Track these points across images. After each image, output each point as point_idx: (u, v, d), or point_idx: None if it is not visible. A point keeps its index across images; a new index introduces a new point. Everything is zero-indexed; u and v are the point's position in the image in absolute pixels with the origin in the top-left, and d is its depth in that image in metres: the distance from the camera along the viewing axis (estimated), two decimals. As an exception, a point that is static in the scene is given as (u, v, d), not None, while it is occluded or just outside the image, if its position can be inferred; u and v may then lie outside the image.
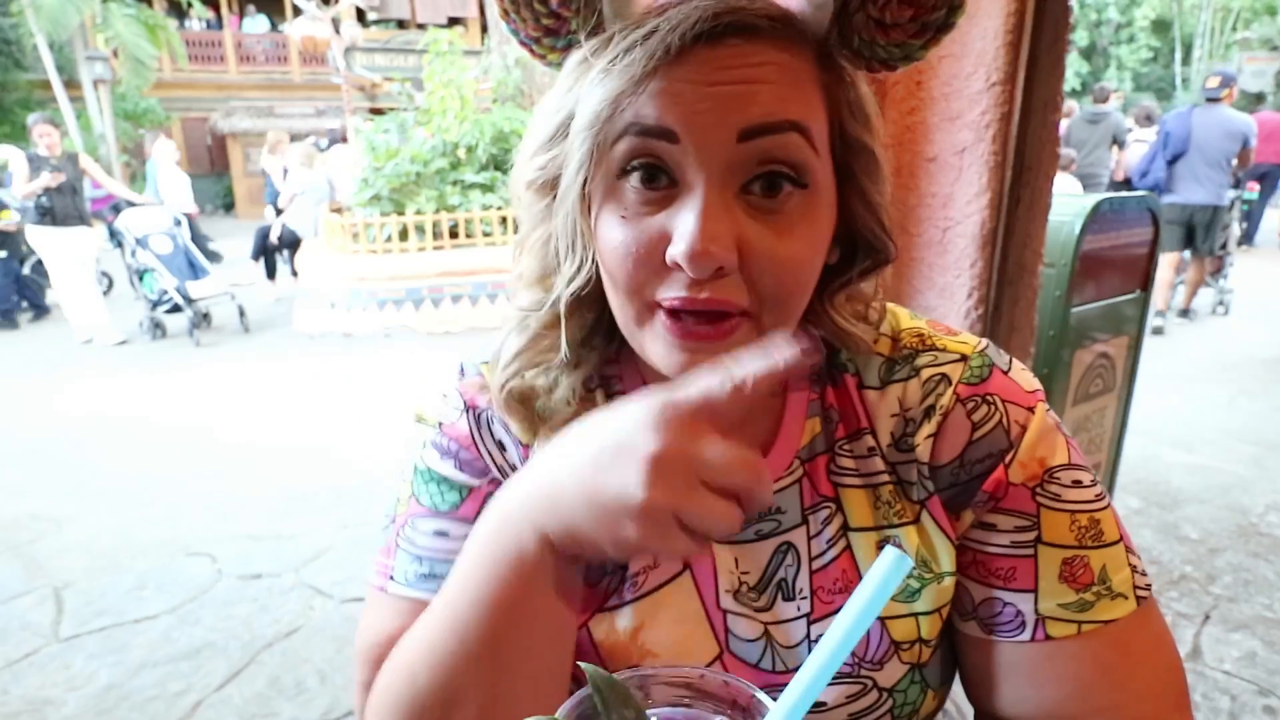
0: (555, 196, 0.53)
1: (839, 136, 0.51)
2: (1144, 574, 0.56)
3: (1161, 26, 22.64)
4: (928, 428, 0.56)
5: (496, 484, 0.63)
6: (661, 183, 0.49)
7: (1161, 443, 3.59)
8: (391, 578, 0.62)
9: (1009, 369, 0.58)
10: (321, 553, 2.86)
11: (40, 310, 7.57)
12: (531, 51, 0.57)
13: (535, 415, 0.59)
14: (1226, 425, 3.82)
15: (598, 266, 0.53)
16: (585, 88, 0.50)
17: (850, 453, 0.59)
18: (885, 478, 0.58)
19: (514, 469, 0.62)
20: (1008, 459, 0.55)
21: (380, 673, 0.55)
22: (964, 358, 0.58)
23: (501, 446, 0.62)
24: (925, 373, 0.58)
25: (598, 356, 0.60)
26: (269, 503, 3.32)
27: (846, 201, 0.53)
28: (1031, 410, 0.56)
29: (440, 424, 0.64)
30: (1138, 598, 0.54)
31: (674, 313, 0.49)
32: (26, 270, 7.47)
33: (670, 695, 0.43)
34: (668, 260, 0.48)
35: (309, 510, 3.23)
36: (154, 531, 3.08)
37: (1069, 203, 2.28)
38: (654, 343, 0.51)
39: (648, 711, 0.40)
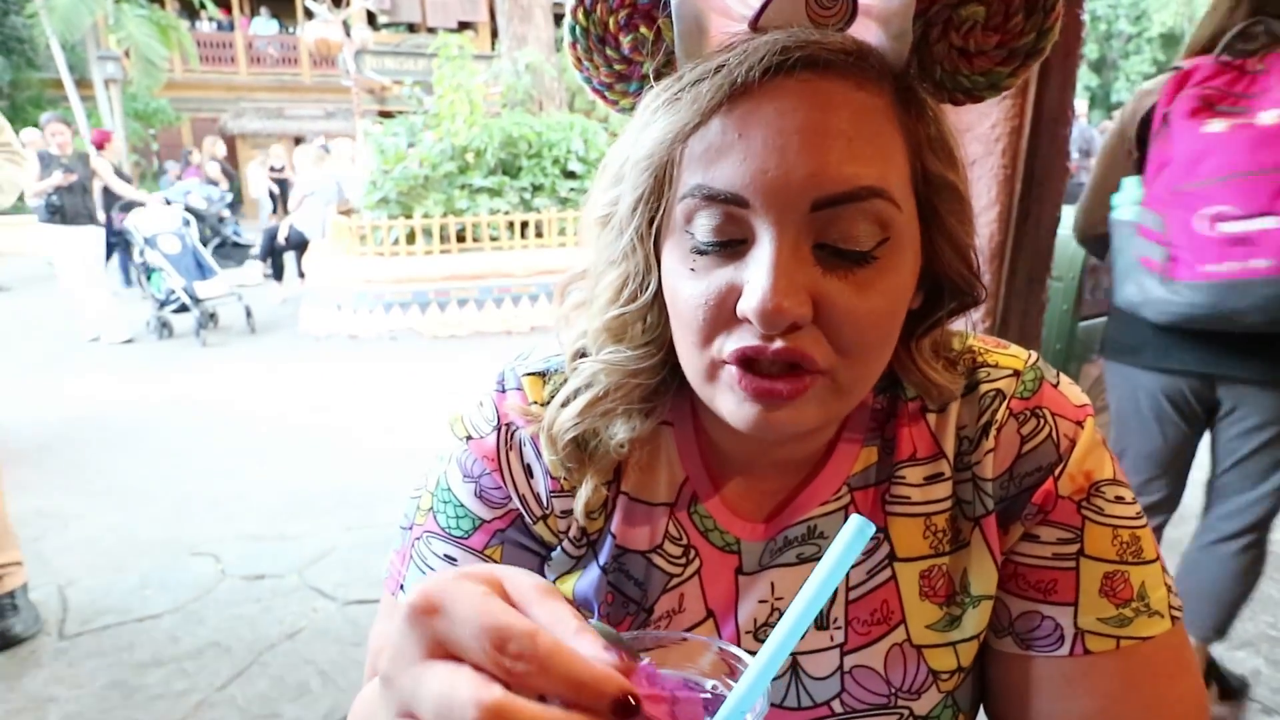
0: (626, 235, 0.52)
1: (920, 176, 0.49)
2: (1177, 594, 0.56)
3: (1171, 40, 22.63)
4: (987, 443, 0.56)
5: (512, 517, 0.61)
6: (730, 237, 0.47)
7: (1167, 457, 3.57)
8: (402, 587, 0.62)
9: (1057, 383, 0.58)
10: (325, 554, 2.87)
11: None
12: (604, 98, 0.57)
13: (586, 457, 0.58)
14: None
15: (661, 315, 0.53)
16: (649, 119, 0.49)
17: (906, 480, 0.58)
18: (943, 505, 0.58)
19: (537, 498, 0.60)
20: (1057, 472, 0.55)
21: (359, 697, 0.59)
22: (1016, 373, 0.57)
23: (529, 472, 0.61)
24: (981, 389, 0.57)
25: (664, 408, 0.59)
26: (273, 504, 3.33)
27: (931, 243, 0.51)
28: (1081, 424, 0.56)
29: (469, 438, 0.62)
30: (1172, 617, 0.54)
31: (745, 361, 0.48)
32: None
33: (669, 660, 0.44)
34: (738, 314, 0.46)
35: (313, 512, 3.23)
36: (158, 531, 3.09)
37: (1077, 216, 2.28)
38: (724, 397, 0.50)
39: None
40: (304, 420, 4.45)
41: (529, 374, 0.62)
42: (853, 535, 0.37)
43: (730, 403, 0.49)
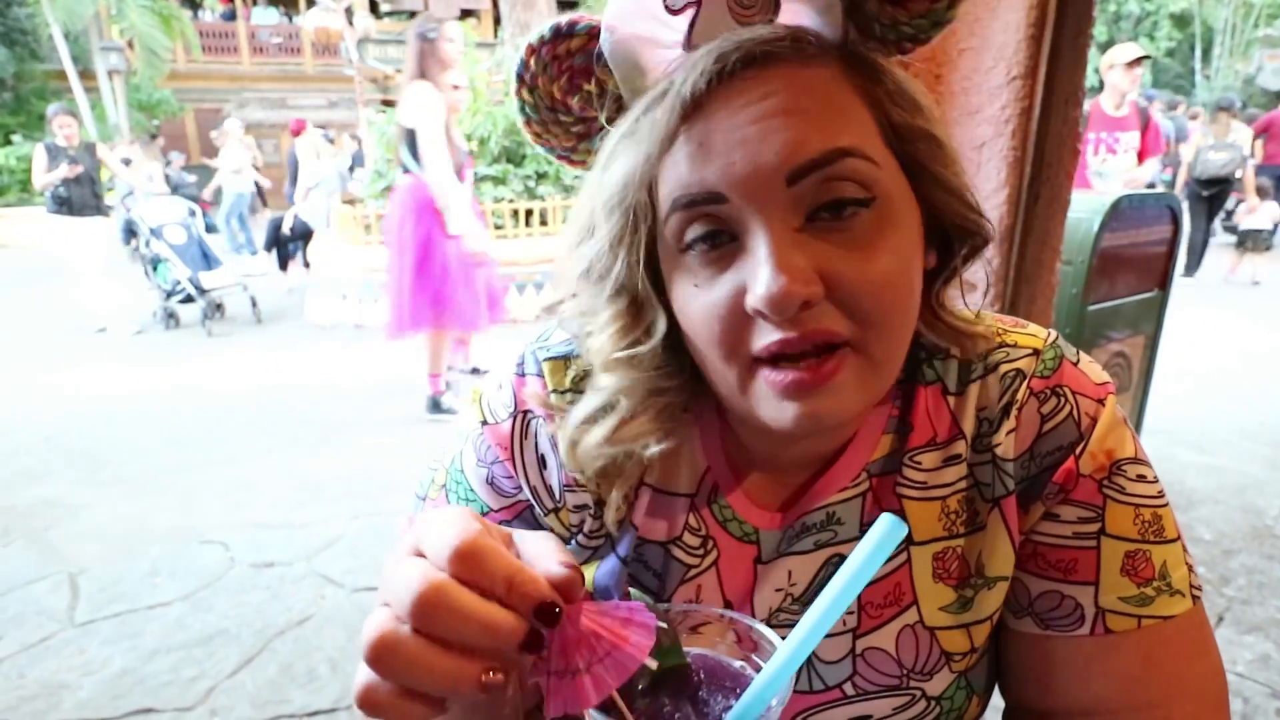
0: (611, 278, 0.52)
1: (891, 132, 0.48)
2: (1197, 574, 0.55)
3: (1182, 22, 22.37)
4: (1008, 424, 0.55)
5: (520, 509, 0.61)
6: (724, 240, 0.47)
7: (1176, 443, 3.55)
8: None
9: (1078, 361, 0.57)
10: (333, 542, 2.88)
11: None
12: (570, 161, 0.58)
13: (614, 469, 0.57)
14: (1242, 426, 3.78)
15: (680, 338, 0.52)
16: (608, 160, 0.49)
17: (919, 465, 0.57)
18: (957, 487, 0.57)
19: (549, 491, 0.60)
20: (1078, 450, 0.54)
21: None
22: (1036, 352, 0.57)
23: (543, 462, 0.60)
24: (1001, 369, 0.57)
25: (691, 419, 0.58)
26: (281, 492, 3.35)
27: (925, 194, 0.50)
28: (1102, 402, 0.55)
29: (485, 422, 0.62)
30: (1193, 597, 0.54)
31: (775, 362, 0.47)
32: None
33: (701, 636, 0.44)
34: (750, 311, 0.46)
35: (321, 500, 3.25)
36: (167, 519, 3.11)
37: (1088, 200, 2.27)
38: (763, 404, 0.49)
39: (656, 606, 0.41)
40: (311, 409, 4.47)
41: (550, 359, 0.61)
42: (884, 533, 0.37)
43: (769, 408, 0.48)
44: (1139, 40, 22.67)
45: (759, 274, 0.44)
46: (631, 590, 0.40)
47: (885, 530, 0.37)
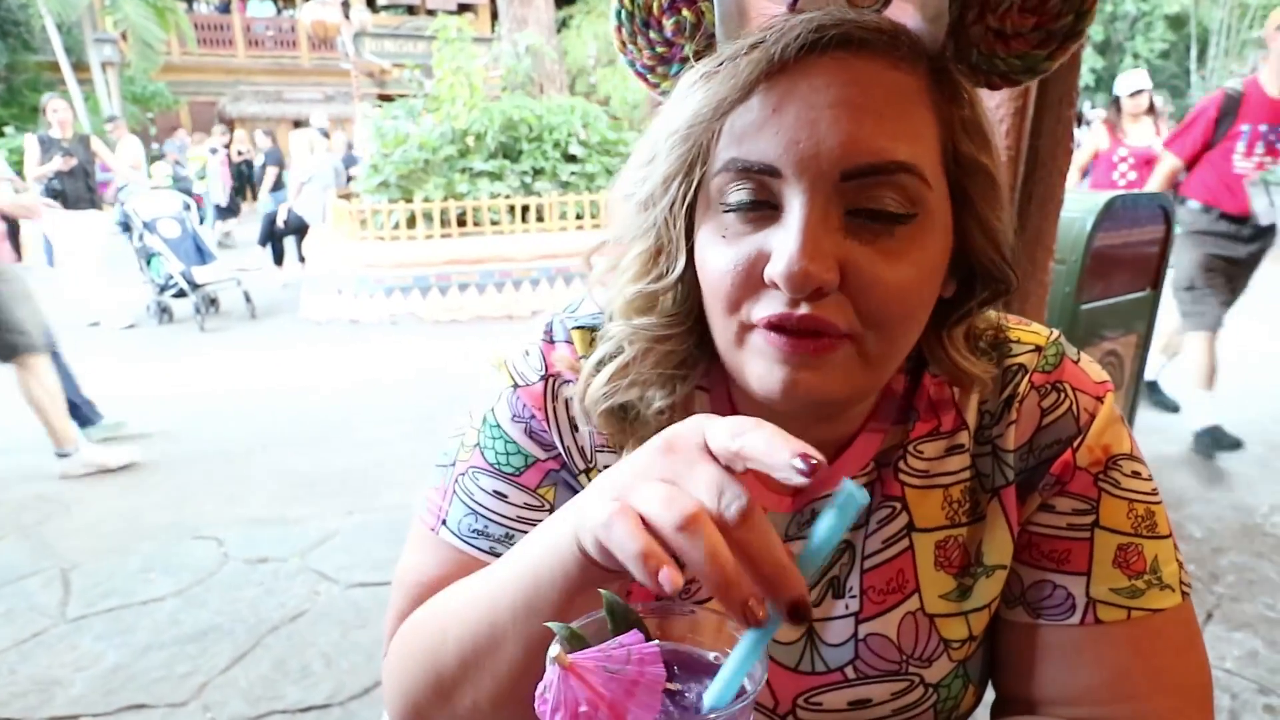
0: (655, 209, 0.53)
1: (952, 158, 0.49)
2: (1187, 571, 0.57)
3: (1178, 23, 22.41)
4: (1009, 416, 0.57)
5: (561, 461, 0.61)
6: (763, 205, 0.48)
7: (1168, 441, 3.58)
8: (444, 522, 0.62)
9: (1078, 359, 0.59)
10: (327, 538, 2.88)
11: None
12: (646, 81, 0.59)
13: (627, 425, 0.58)
14: (1233, 425, 3.80)
15: (698, 287, 0.53)
16: (685, 94, 0.50)
17: (921, 454, 0.59)
18: (960, 476, 0.59)
19: (582, 452, 0.61)
20: (1076, 444, 0.56)
21: (416, 613, 0.58)
22: (1039, 348, 0.59)
23: (574, 426, 0.61)
24: (1004, 363, 0.59)
25: (699, 374, 0.59)
26: (275, 488, 3.34)
27: (962, 227, 0.51)
28: (1100, 399, 0.57)
29: (516, 384, 0.62)
30: (1182, 592, 0.56)
31: (771, 327, 0.48)
32: None
33: (675, 631, 0.44)
34: (766, 279, 0.47)
35: (315, 496, 3.24)
36: (160, 514, 3.10)
37: (1081, 199, 2.27)
38: (753, 362, 0.50)
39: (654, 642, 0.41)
40: (305, 405, 4.46)
41: (578, 327, 0.62)
42: (841, 502, 0.37)
43: (759, 367, 0.49)
44: (1135, 40, 22.72)
45: (785, 248, 0.45)
46: (602, 591, 0.40)
47: (842, 499, 0.37)
